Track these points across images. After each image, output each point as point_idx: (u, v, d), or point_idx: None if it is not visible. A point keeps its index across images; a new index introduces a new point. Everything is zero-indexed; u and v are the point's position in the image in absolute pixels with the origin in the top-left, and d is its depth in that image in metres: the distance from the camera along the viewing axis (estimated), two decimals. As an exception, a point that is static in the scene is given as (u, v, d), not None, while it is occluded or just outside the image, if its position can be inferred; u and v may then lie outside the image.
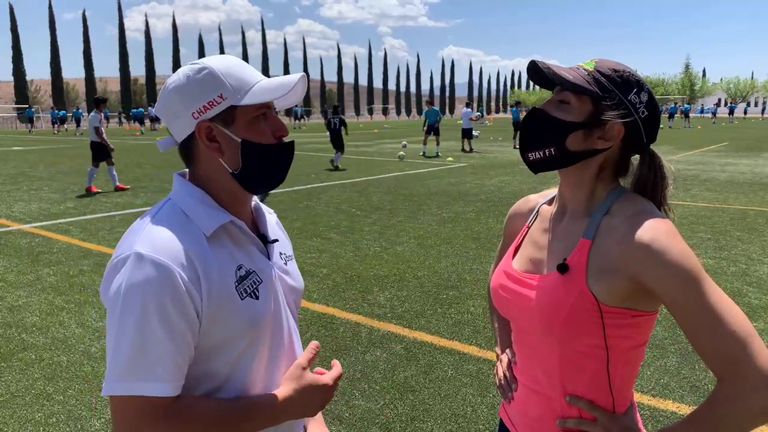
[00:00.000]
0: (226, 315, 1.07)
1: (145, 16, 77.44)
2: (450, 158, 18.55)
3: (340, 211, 9.30)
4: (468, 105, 22.82)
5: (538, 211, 1.37)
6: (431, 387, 3.54)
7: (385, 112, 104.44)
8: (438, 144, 20.30)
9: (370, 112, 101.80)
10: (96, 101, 11.94)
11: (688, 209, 9.31)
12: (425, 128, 20.36)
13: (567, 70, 1.17)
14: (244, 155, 1.12)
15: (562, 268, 1.15)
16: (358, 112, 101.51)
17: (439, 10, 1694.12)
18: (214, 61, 1.13)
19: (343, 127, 16.54)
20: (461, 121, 22.25)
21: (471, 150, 21.79)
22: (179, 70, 1.15)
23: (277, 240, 1.25)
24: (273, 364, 1.18)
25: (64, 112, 44.88)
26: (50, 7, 68.22)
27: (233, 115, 1.11)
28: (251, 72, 1.15)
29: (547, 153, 1.18)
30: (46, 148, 24.55)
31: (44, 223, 8.44)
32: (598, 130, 1.15)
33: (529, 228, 1.36)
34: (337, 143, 16.29)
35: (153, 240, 1.03)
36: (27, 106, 58.29)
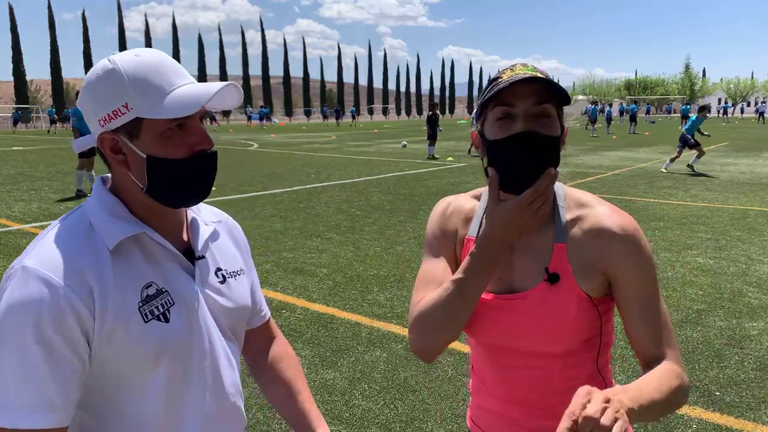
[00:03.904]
0: (123, 339, 0.96)
1: (145, 16, 77.36)
2: (450, 158, 18.55)
3: (340, 211, 9.30)
4: None
5: (482, 220, 1.23)
6: (431, 387, 3.54)
7: (385, 112, 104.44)
8: (699, 156, 14.61)
9: (370, 112, 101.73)
10: None
11: (688, 209, 9.31)
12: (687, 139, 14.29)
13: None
14: (150, 172, 1.00)
15: (553, 278, 1.13)
16: (358, 112, 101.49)
17: (438, 10, 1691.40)
18: (127, 60, 0.99)
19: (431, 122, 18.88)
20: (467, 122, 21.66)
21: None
22: (97, 63, 1.02)
23: (203, 257, 1.11)
24: (184, 398, 1.05)
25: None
26: (49, 7, 68.06)
27: (139, 127, 0.99)
28: (170, 77, 1.00)
29: None
30: (45, 149, 24.55)
31: (44, 223, 8.43)
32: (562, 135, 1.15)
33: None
34: (428, 135, 18.79)
35: (44, 253, 0.96)
36: (27, 106, 58.33)
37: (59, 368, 0.92)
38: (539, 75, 1.08)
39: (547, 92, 1.09)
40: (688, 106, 43.86)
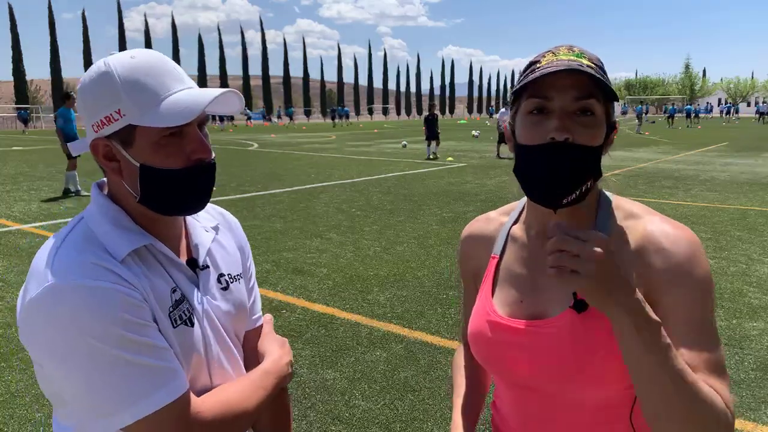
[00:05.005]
0: None
1: (145, 16, 77.51)
2: (450, 158, 18.54)
3: (340, 211, 9.30)
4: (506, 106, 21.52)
5: (508, 237, 1.11)
6: (431, 387, 3.54)
7: (385, 112, 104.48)
8: None
9: (370, 112, 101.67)
10: None
11: (688, 209, 9.31)
12: None
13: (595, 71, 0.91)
14: (144, 182, 0.95)
15: (580, 306, 0.93)
16: (358, 112, 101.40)
17: (438, 10, 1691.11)
18: (121, 62, 0.94)
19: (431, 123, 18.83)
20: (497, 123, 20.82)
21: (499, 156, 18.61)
22: (93, 65, 0.98)
23: (208, 267, 1.08)
24: None
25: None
26: (49, 7, 68.15)
27: (133, 135, 0.94)
28: (165, 81, 0.94)
29: (583, 189, 0.95)
30: (45, 148, 24.53)
31: (44, 223, 8.43)
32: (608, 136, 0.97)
33: (500, 260, 1.10)
34: (426, 136, 18.76)
35: (69, 264, 0.90)
36: (27, 105, 58.34)
37: (160, 339, 0.92)
38: (584, 63, 0.90)
39: (593, 84, 0.90)
40: (690, 106, 43.66)
